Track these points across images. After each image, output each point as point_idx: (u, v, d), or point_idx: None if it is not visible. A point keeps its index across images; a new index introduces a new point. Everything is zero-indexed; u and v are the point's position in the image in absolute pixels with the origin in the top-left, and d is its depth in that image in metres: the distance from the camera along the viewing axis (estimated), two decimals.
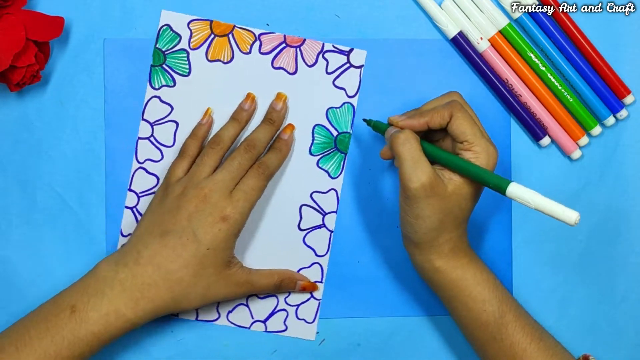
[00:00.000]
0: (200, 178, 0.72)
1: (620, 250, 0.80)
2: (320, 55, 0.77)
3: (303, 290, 0.77)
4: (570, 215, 0.60)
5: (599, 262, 0.80)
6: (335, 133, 0.78)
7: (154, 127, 0.77)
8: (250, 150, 0.74)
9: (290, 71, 0.77)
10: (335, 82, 0.78)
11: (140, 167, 0.77)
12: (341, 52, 0.77)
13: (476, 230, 0.78)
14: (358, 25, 0.78)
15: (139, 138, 0.77)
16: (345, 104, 0.78)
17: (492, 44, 0.78)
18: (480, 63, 0.77)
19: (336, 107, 0.78)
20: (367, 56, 0.77)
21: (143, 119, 0.77)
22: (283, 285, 0.76)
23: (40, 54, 0.73)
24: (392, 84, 0.78)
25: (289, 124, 0.77)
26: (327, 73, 0.77)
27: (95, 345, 0.68)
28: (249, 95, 0.76)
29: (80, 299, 0.68)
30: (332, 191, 0.78)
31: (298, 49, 0.77)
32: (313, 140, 0.78)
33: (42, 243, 0.77)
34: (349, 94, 0.78)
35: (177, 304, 0.71)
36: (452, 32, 0.77)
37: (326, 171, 0.78)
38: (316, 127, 0.78)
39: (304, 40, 0.77)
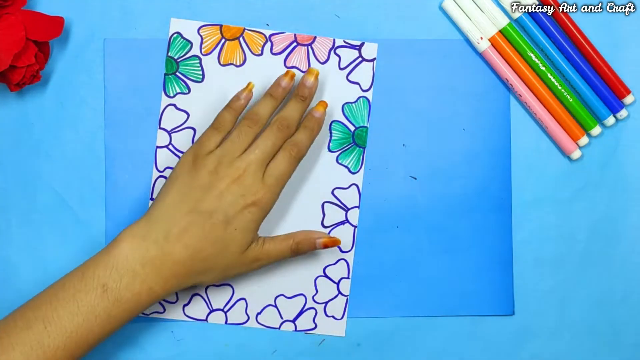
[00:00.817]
0: (234, 156, 0.71)
1: (620, 250, 0.80)
2: (332, 52, 0.77)
3: (325, 247, 0.75)
4: None
5: (599, 262, 0.80)
6: (352, 128, 0.78)
7: (172, 135, 0.77)
8: (284, 129, 0.72)
9: (303, 69, 0.77)
10: (349, 77, 0.78)
11: (161, 176, 0.77)
12: (352, 46, 0.77)
13: (476, 230, 0.78)
14: (358, 25, 0.78)
15: (158, 147, 0.77)
16: (361, 98, 0.78)
17: (492, 44, 0.78)
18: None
19: (351, 102, 0.78)
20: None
21: (160, 128, 0.77)
22: (300, 247, 0.74)
23: (40, 54, 0.73)
24: (392, 84, 0.78)
25: (322, 101, 0.75)
26: (340, 69, 0.78)
27: (126, 321, 0.68)
28: (288, 72, 0.74)
29: (111, 277, 0.67)
30: (354, 186, 0.78)
31: (309, 47, 0.77)
32: (331, 136, 0.78)
33: (42, 243, 0.77)
34: (364, 88, 0.78)
35: (197, 279, 0.71)
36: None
37: (346, 167, 0.78)
38: (333, 123, 0.78)
39: (315, 37, 0.77)
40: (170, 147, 0.77)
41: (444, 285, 0.79)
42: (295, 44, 0.77)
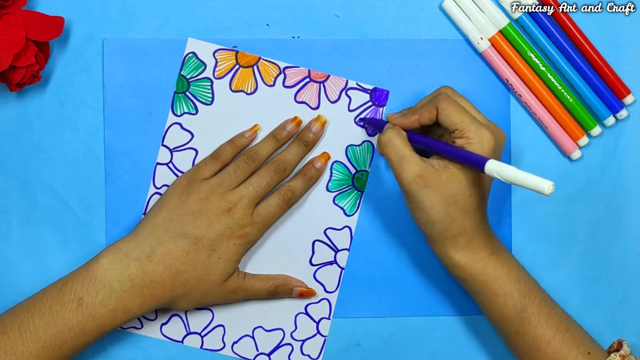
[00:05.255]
0: (228, 188, 0.72)
1: (620, 250, 0.80)
2: (344, 92, 0.77)
3: (300, 296, 0.77)
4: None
5: (599, 262, 0.80)
6: (353, 171, 0.78)
7: (173, 153, 0.77)
8: (280, 172, 0.74)
9: (313, 106, 0.77)
10: (357, 120, 0.78)
11: (157, 192, 0.77)
12: (364, 90, 0.77)
13: None
14: (358, 25, 0.78)
15: (158, 163, 0.77)
16: (365, 142, 0.78)
17: (492, 44, 0.78)
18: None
19: (356, 145, 0.78)
20: (366, 57, 0.77)
21: (163, 145, 0.77)
22: (278, 291, 0.76)
23: (40, 54, 0.73)
24: (392, 84, 0.78)
25: (325, 153, 0.77)
26: (349, 110, 0.77)
27: (99, 336, 0.69)
28: (295, 118, 0.76)
29: (87, 292, 0.68)
30: (346, 228, 0.78)
31: (322, 85, 0.77)
32: (331, 176, 0.78)
33: (42, 243, 0.77)
34: (370, 133, 0.78)
35: (174, 302, 0.72)
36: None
37: (342, 208, 0.78)
38: (335, 164, 0.77)
39: (328, 76, 0.77)
40: (170, 165, 0.77)
41: (444, 285, 0.79)
42: (308, 79, 0.77)
